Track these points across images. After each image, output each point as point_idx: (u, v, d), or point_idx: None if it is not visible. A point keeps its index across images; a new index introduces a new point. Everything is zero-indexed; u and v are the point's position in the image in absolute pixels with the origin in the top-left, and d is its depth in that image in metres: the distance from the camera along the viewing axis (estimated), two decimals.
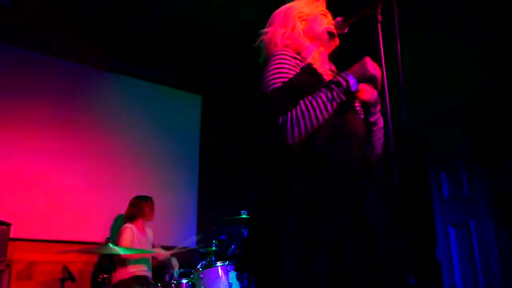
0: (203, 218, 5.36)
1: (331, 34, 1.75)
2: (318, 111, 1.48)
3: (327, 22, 1.78)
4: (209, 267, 3.48)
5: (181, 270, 4.17)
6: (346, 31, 1.76)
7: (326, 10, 1.82)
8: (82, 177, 4.68)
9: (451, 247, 4.23)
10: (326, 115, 1.49)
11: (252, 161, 5.35)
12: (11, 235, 3.80)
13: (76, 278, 3.94)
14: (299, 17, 1.77)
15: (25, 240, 4.20)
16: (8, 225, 3.78)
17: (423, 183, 4.45)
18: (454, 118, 4.35)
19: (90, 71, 5.04)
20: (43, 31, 4.75)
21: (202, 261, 3.82)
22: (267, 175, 1.58)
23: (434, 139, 4.46)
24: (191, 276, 3.58)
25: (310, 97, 1.50)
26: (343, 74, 1.54)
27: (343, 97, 1.51)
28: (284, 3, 1.85)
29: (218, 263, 3.48)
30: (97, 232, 4.54)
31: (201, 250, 4.07)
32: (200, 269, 3.49)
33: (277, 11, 1.84)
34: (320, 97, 1.50)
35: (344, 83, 1.51)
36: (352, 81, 1.52)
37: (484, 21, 4.37)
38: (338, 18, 1.75)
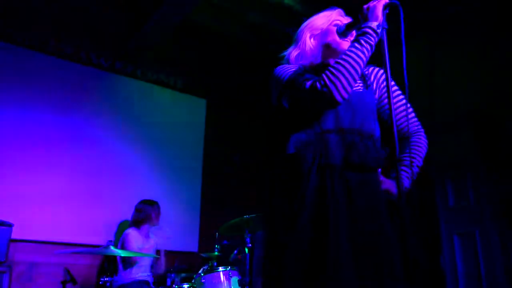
0: (206, 222, 5.34)
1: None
2: (353, 61, 1.53)
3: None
4: (210, 272, 3.45)
5: (183, 274, 4.14)
6: (352, 36, 1.76)
7: (341, 18, 1.84)
8: (85, 179, 4.67)
9: (456, 256, 4.18)
10: (361, 63, 1.54)
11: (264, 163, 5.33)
12: (13, 236, 3.80)
13: (78, 280, 3.92)
14: (311, 35, 1.83)
15: (27, 241, 4.19)
16: (9, 225, 3.77)
17: (428, 191, 4.41)
18: (460, 125, 4.31)
19: (96, 73, 5.04)
20: (49, 33, 4.76)
21: (204, 266, 3.79)
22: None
23: (440, 146, 4.42)
24: (193, 281, 3.55)
25: (341, 55, 1.57)
26: (364, 25, 1.60)
27: (373, 40, 1.57)
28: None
29: (220, 268, 3.45)
30: (99, 235, 4.51)
31: (203, 255, 4.04)
32: (202, 274, 3.46)
33: (299, 29, 1.91)
34: (350, 50, 1.56)
35: (369, 30, 1.58)
36: (374, 24, 1.59)
37: (491, 26, 4.34)
38: (341, 25, 1.77)
